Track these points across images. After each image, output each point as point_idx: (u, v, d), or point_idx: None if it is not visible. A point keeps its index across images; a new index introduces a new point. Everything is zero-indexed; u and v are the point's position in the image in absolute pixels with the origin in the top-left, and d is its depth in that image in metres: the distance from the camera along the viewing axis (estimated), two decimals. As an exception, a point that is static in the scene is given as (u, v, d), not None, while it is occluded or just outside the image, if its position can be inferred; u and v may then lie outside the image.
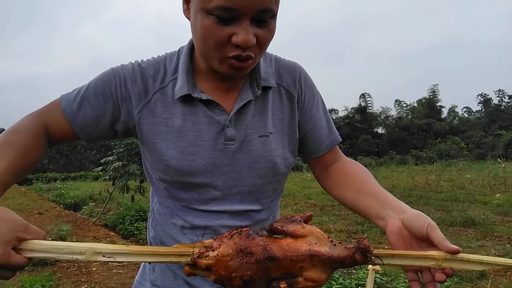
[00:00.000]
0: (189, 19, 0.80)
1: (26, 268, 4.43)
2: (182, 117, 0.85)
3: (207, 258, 0.63)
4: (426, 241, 0.71)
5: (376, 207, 0.82)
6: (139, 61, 0.90)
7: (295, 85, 0.93)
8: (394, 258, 0.67)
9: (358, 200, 0.87)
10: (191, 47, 0.87)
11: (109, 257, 0.62)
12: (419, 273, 0.72)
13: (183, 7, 0.80)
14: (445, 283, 3.13)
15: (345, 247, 0.65)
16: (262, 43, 0.76)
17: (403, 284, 3.22)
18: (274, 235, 0.67)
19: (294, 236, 0.66)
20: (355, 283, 3.21)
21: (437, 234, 0.68)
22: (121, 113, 0.86)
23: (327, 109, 1.01)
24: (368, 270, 2.08)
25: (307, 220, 0.71)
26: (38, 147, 0.82)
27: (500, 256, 4.54)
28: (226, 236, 0.65)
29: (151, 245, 0.99)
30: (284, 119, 0.91)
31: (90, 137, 0.89)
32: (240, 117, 0.86)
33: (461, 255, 0.66)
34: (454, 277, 3.66)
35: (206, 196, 0.87)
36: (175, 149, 0.84)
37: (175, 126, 0.84)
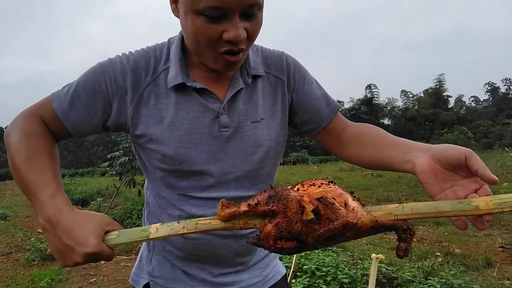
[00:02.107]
0: (178, 18, 0.81)
1: (35, 263, 4.50)
2: (176, 106, 0.86)
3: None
4: (462, 171, 0.68)
5: (399, 154, 0.80)
6: (127, 53, 0.89)
7: (282, 70, 0.95)
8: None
9: (379, 154, 0.85)
10: (182, 38, 0.87)
11: (171, 229, 0.68)
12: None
13: (171, 6, 0.81)
14: (451, 272, 3.13)
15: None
16: (251, 35, 0.78)
17: (408, 273, 3.23)
18: None
19: None
20: (361, 273, 3.22)
21: (477, 160, 0.64)
22: (112, 110, 0.86)
23: (322, 86, 1.02)
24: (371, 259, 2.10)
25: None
26: (55, 147, 0.87)
27: (507, 244, 4.53)
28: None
29: None
30: (275, 105, 0.93)
31: (82, 133, 0.90)
32: (232, 105, 0.88)
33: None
34: (459, 266, 3.66)
35: (203, 183, 0.88)
36: (171, 138, 0.85)
37: (170, 116, 0.85)
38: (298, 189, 0.63)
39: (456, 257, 4.16)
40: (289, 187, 0.65)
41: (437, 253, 4.14)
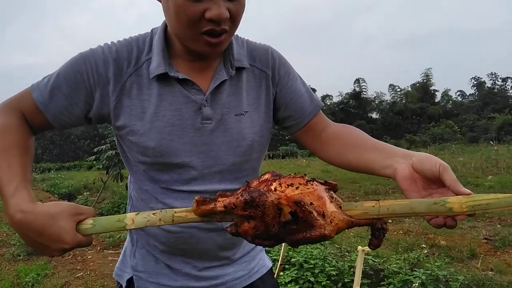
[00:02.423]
0: (160, 1, 0.80)
1: (21, 258, 4.44)
2: (159, 97, 0.84)
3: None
4: (438, 182, 0.69)
5: (380, 158, 0.79)
6: (109, 43, 0.87)
7: (268, 64, 0.94)
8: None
9: (360, 157, 0.84)
10: (165, 27, 0.86)
11: (148, 221, 0.68)
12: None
13: None
14: (436, 263, 3.18)
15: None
16: (234, 17, 0.77)
17: (394, 265, 3.27)
18: None
19: None
20: (348, 265, 3.25)
21: (450, 176, 0.65)
22: (94, 100, 0.84)
23: (306, 83, 1.01)
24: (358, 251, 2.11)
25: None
26: (30, 140, 0.84)
27: (491, 236, 4.63)
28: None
29: (130, 232, 0.99)
30: (259, 98, 0.92)
31: (64, 125, 0.87)
32: (216, 97, 0.87)
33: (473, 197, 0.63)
34: (444, 257, 3.72)
35: (186, 176, 0.87)
36: (153, 130, 0.84)
37: (152, 106, 0.84)
38: (275, 189, 0.62)
39: (442, 249, 4.23)
40: (266, 176, 0.65)
41: (423, 245, 4.20)
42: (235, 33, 0.85)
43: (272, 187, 0.63)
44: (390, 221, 5.66)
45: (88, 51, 0.85)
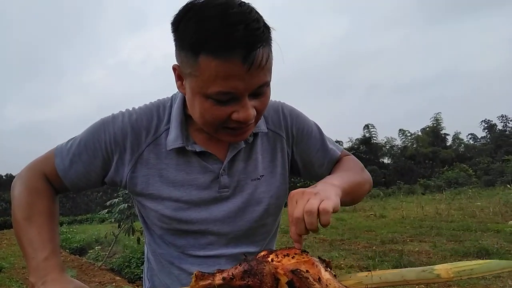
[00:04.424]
0: (184, 94, 0.80)
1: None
2: (177, 167, 0.85)
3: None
4: None
5: None
6: (130, 109, 0.89)
7: (280, 125, 0.94)
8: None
9: None
10: (184, 99, 0.86)
11: None
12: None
13: (176, 83, 0.80)
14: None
15: None
16: (260, 111, 0.77)
17: None
18: None
19: None
20: None
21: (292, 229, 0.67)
22: (110, 168, 0.86)
23: (322, 131, 1.01)
24: None
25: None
26: (56, 204, 0.89)
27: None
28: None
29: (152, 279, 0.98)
30: (275, 160, 0.92)
31: (80, 189, 0.91)
32: (233, 164, 0.87)
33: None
34: None
35: (202, 242, 0.87)
36: (170, 200, 0.85)
37: (170, 176, 0.85)
38: (272, 260, 0.64)
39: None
40: (262, 253, 0.66)
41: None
42: None
43: (269, 259, 0.64)
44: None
45: (109, 117, 0.88)
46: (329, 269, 0.65)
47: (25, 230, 0.80)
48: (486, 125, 59.18)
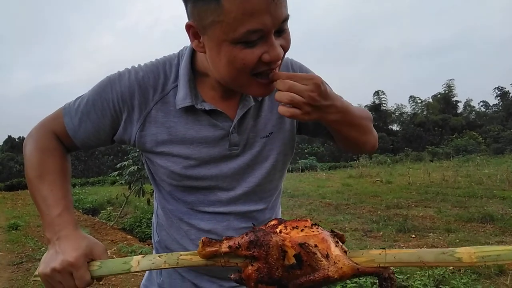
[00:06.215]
0: (202, 52, 0.78)
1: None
2: (185, 126, 0.85)
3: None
4: None
5: None
6: (136, 67, 0.87)
7: None
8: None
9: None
10: (192, 56, 0.85)
11: (153, 264, 0.70)
12: None
13: (193, 43, 0.77)
14: (463, 280, 3.09)
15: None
16: (286, 50, 0.76)
17: (419, 281, 3.20)
18: None
19: None
20: (370, 282, 3.20)
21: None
22: (119, 126, 0.87)
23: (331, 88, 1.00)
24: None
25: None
26: (68, 162, 0.91)
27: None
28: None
29: (156, 250, 1.01)
30: (283, 117, 0.90)
31: (90, 147, 0.93)
32: (242, 122, 0.87)
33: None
34: (471, 274, 3.61)
35: (212, 198, 0.89)
36: (180, 157, 0.85)
37: (179, 134, 0.85)
38: (280, 231, 0.63)
39: (468, 265, 4.09)
40: (272, 223, 0.66)
41: (448, 261, 4.08)
42: None
43: (278, 230, 0.63)
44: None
45: (115, 75, 0.86)
46: (341, 244, 0.64)
47: (38, 188, 0.83)
48: (499, 92, 57.89)
